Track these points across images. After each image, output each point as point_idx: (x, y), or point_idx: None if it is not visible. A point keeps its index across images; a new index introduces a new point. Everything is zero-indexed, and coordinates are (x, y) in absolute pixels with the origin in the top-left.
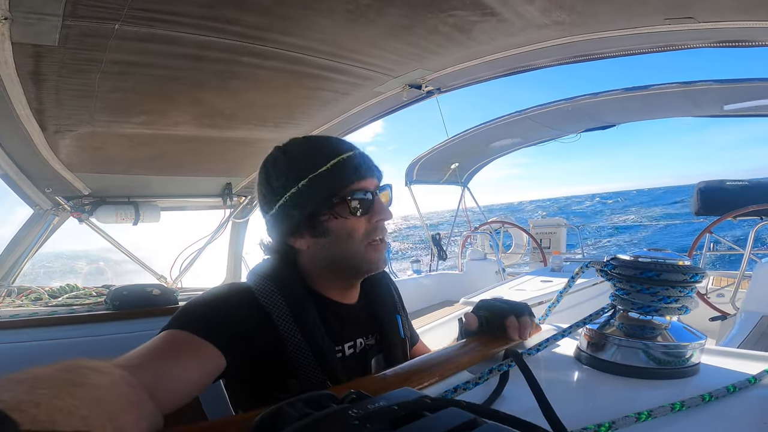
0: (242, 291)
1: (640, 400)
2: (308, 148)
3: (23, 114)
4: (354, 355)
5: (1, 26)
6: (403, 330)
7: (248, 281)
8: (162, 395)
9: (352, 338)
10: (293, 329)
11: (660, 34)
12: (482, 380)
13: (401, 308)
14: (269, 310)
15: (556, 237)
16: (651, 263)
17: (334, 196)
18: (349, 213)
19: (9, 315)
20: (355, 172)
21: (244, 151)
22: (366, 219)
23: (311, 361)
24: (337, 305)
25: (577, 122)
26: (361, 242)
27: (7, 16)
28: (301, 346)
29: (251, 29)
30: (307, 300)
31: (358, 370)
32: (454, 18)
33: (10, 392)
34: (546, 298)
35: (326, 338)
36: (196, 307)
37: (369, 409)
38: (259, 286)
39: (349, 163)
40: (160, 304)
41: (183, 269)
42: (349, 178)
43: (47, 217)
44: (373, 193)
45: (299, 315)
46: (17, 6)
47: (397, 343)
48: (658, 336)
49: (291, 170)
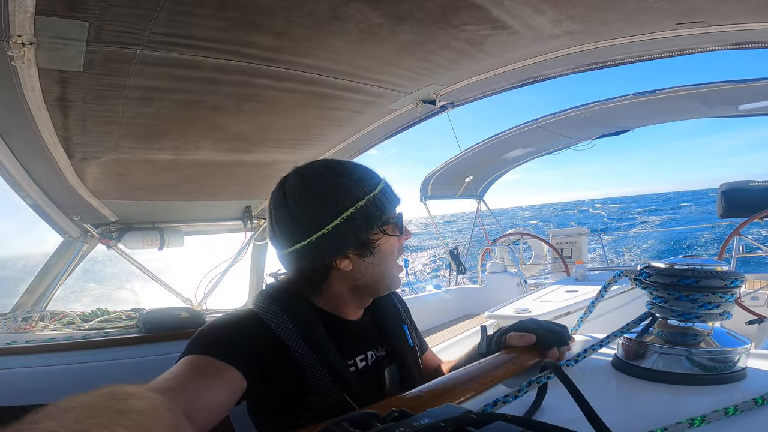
0: (250, 316)
1: (687, 406)
2: (356, 169)
3: (51, 142)
4: (367, 367)
5: (27, 51)
6: (411, 339)
7: (254, 307)
8: (196, 417)
9: (363, 351)
10: (304, 348)
11: (672, 39)
12: (522, 393)
13: (407, 318)
14: (278, 333)
15: (578, 246)
16: (689, 270)
17: (389, 216)
18: (396, 232)
19: (44, 339)
20: (395, 197)
21: (261, 174)
22: (400, 240)
23: (326, 377)
24: (344, 322)
25: (591, 129)
26: (395, 260)
27: (33, 40)
28: (314, 363)
29: (266, 51)
30: (314, 319)
31: (373, 381)
32: (466, 33)
33: (61, 422)
34: (573, 308)
35: (336, 354)
36: (212, 332)
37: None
38: (265, 310)
39: (389, 189)
40: (188, 326)
41: (207, 292)
42: (391, 202)
43: (77, 244)
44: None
45: (308, 334)
46: (42, 30)
47: (407, 351)
48: (701, 342)
49: (347, 190)
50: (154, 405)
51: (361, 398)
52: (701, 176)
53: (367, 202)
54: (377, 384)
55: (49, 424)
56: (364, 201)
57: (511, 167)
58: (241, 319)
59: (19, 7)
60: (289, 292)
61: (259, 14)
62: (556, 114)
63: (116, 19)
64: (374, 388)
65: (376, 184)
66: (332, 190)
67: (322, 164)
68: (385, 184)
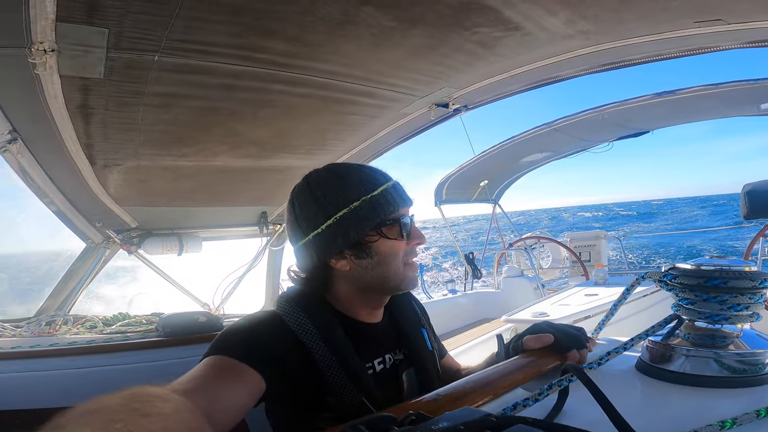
0: (272, 318)
1: (717, 409)
2: (360, 172)
3: (73, 149)
4: (385, 370)
5: (48, 58)
6: (430, 343)
7: (276, 308)
8: (216, 418)
9: (381, 354)
10: (324, 350)
11: (688, 38)
12: (542, 396)
13: (426, 322)
14: (299, 334)
15: (596, 249)
16: (716, 271)
17: (387, 218)
18: (398, 235)
19: (68, 342)
20: (400, 199)
21: (277, 180)
22: (405, 242)
23: (344, 380)
24: (363, 325)
25: (609, 131)
26: (401, 262)
27: (54, 47)
28: (333, 365)
29: (280, 56)
30: (334, 321)
31: (391, 385)
32: (478, 35)
33: (88, 427)
34: (593, 312)
35: (355, 356)
36: (233, 334)
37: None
38: (286, 312)
39: (395, 190)
40: (206, 330)
41: (225, 297)
42: (395, 204)
43: (99, 250)
44: (411, 219)
45: (328, 336)
46: (63, 37)
47: (425, 355)
48: (730, 344)
49: (342, 191)
50: (177, 408)
51: (378, 401)
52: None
53: (362, 203)
54: (395, 387)
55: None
56: (359, 202)
57: (526, 171)
58: (263, 321)
59: (40, 14)
60: (308, 294)
61: (272, 19)
62: (572, 116)
63: (134, 25)
64: (392, 391)
65: (376, 186)
66: (330, 192)
67: (328, 168)
68: (391, 187)
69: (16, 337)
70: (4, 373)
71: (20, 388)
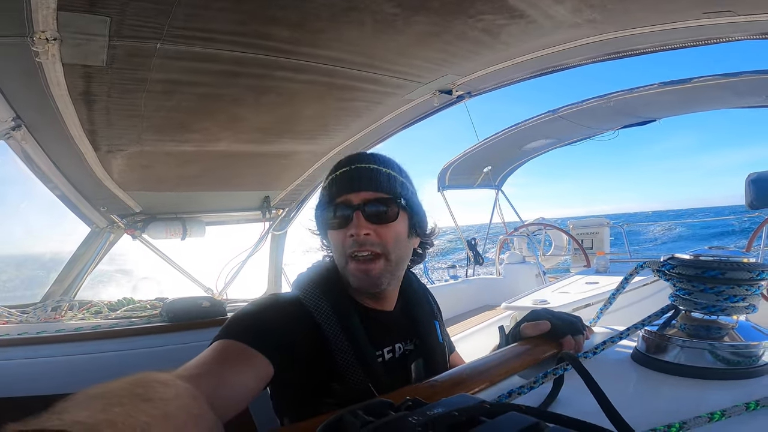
0: (289, 298)
1: (708, 400)
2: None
3: (77, 135)
4: (394, 359)
5: (51, 47)
6: (441, 335)
7: (295, 288)
8: (221, 404)
9: (391, 343)
10: (339, 333)
11: (698, 28)
12: (537, 384)
13: (438, 314)
14: (315, 316)
15: (599, 237)
16: (714, 261)
17: (322, 209)
18: (331, 226)
19: (73, 328)
20: (338, 187)
21: (280, 164)
22: (343, 233)
23: (354, 365)
24: (375, 312)
25: (615, 119)
26: (344, 257)
27: (56, 36)
28: (346, 349)
29: (283, 43)
30: (350, 306)
31: (399, 374)
32: (482, 22)
33: (88, 411)
34: (593, 300)
35: (367, 342)
36: (244, 317)
37: (428, 415)
38: (306, 293)
39: (338, 178)
40: (210, 315)
41: (228, 281)
42: (333, 193)
43: (103, 235)
44: (355, 207)
45: (343, 320)
46: (65, 26)
47: (435, 347)
48: (725, 336)
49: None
50: (179, 393)
51: (386, 389)
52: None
53: (321, 194)
54: (403, 377)
55: (76, 414)
56: (320, 193)
57: (530, 157)
58: (278, 303)
59: (42, 3)
60: (327, 275)
61: (275, 6)
62: (577, 103)
63: (136, 13)
64: (400, 380)
65: (328, 178)
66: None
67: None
68: (336, 175)
69: (22, 323)
70: (12, 360)
71: (27, 374)
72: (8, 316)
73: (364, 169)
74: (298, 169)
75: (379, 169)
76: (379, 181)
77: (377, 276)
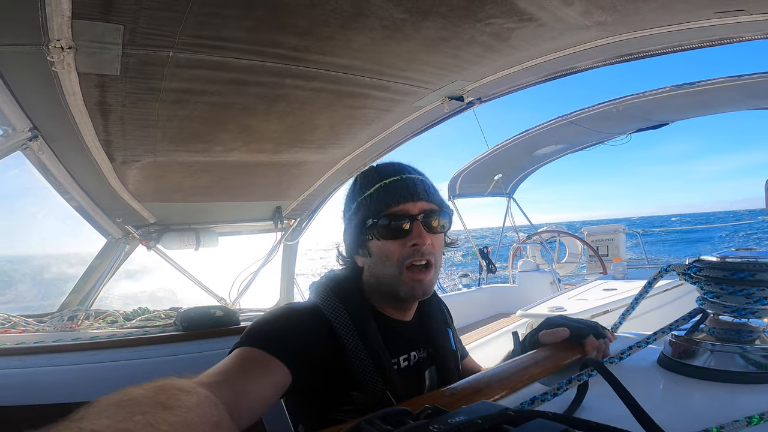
0: (308, 307)
1: (742, 405)
2: (366, 174)
3: (93, 145)
4: (408, 367)
5: (66, 56)
6: (454, 342)
7: (314, 296)
8: (240, 411)
9: (407, 351)
10: (356, 341)
11: (710, 28)
12: (561, 391)
13: (451, 322)
14: (334, 324)
15: (615, 243)
16: (743, 263)
17: (371, 218)
18: (380, 235)
19: (90, 337)
20: (393, 196)
21: (291, 174)
22: (401, 243)
23: (372, 372)
24: (392, 321)
25: (627, 123)
26: (398, 266)
27: (71, 45)
28: (363, 357)
29: (292, 51)
30: (368, 314)
31: (413, 381)
32: (491, 26)
33: (109, 420)
34: (611, 306)
35: (385, 351)
36: (264, 325)
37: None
38: (325, 301)
39: (390, 188)
40: (223, 324)
41: (241, 291)
42: (386, 202)
43: (119, 245)
44: (414, 217)
45: (361, 327)
46: (80, 35)
47: (449, 354)
48: (756, 339)
49: (351, 195)
50: (200, 401)
51: (402, 397)
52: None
53: (358, 205)
54: (417, 384)
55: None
56: (355, 204)
57: (541, 164)
58: (298, 312)
59: (56, 11)
60: (345, 284)
61: (284, 14)
62: (588, 108)
63: (148, 22)
64: (414, 388)
65: (372, 186)
66: (348, 196)
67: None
68: (383, 186)
69: (39, 332)
70: (28, 368)
71: (44, 382)
72: (25, 325)
73: (417, 180)
74: (309, 178)
75: (426, 180)
76: (431, 191)
77: (429, 284)
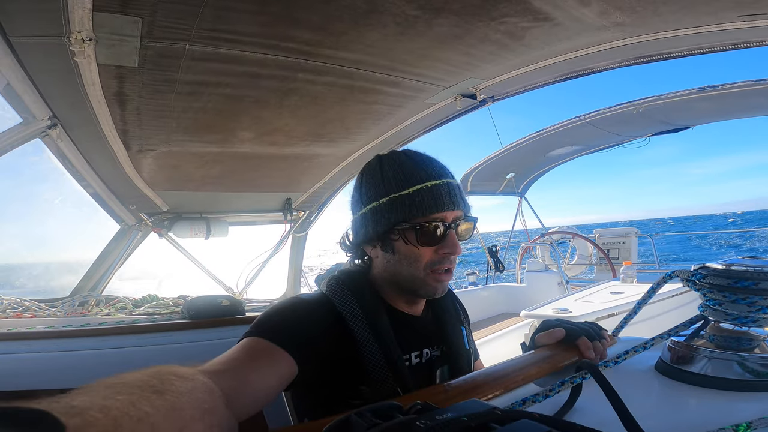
0: (319, 299)
1: (735, 413)
2: (402, 166)
3: (110, 134)
4: (420, 364)
5: (87, 47)
6: (467, 341)
7: (324, 289)
8: (241, 401)
9: (419, 348)
10: (368, 336)
11: (733, 31)
12: (553, 392)
13: (465, 320)
14: (346, 317)
15: (626, 247)
16: (747, 272)
17: (408, 221)
18: (416, 241)
19: (98, 323)
20: (434, 203)
21: (301, 167)
22: (433, 249)
23: (383, 367)
24: (404, 315)
25: (646, 126)
26: (424, 269)
27: (92, 36)
28: (374, 351)
29: (305, 45)
30: (380, 308)
31: (425, 379)
32: (506, 25)
33: (90, 397)
34: (617, 310)
35: (396, 345)
36: (274, 316)
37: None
38: (336, 294)
39: (431, 193)
40: (229, 314)
41: (248, 281)
42: (427, 207)
43: (132, 232)
44: (449, 226)
45: (373, 321)
46: (100, 27)
47: (462, 353)
48: (755, 347)
49: (379, 184)
50: (194, 387)
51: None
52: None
53: (389, 200)
54: (428, 381)
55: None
56: (386, 198)
57: (555, 164)
58: (309, 303)
59: (78, 4)
60: (356, 276)
61: (298, 9)
62: (606, 109)
63: (166, 15)
64: (425, 386)
65: (409, 185)
66: (373, 182)
67: (392, 155)
68: (426, 188)
69: (50, 317)
70: (37, 353)
71: (52, 367)
72: (36, 309)
73: (454, 186)
74: (319, 171)
75: (460, 186)
76: (464, 199)
77: (447, 284)
